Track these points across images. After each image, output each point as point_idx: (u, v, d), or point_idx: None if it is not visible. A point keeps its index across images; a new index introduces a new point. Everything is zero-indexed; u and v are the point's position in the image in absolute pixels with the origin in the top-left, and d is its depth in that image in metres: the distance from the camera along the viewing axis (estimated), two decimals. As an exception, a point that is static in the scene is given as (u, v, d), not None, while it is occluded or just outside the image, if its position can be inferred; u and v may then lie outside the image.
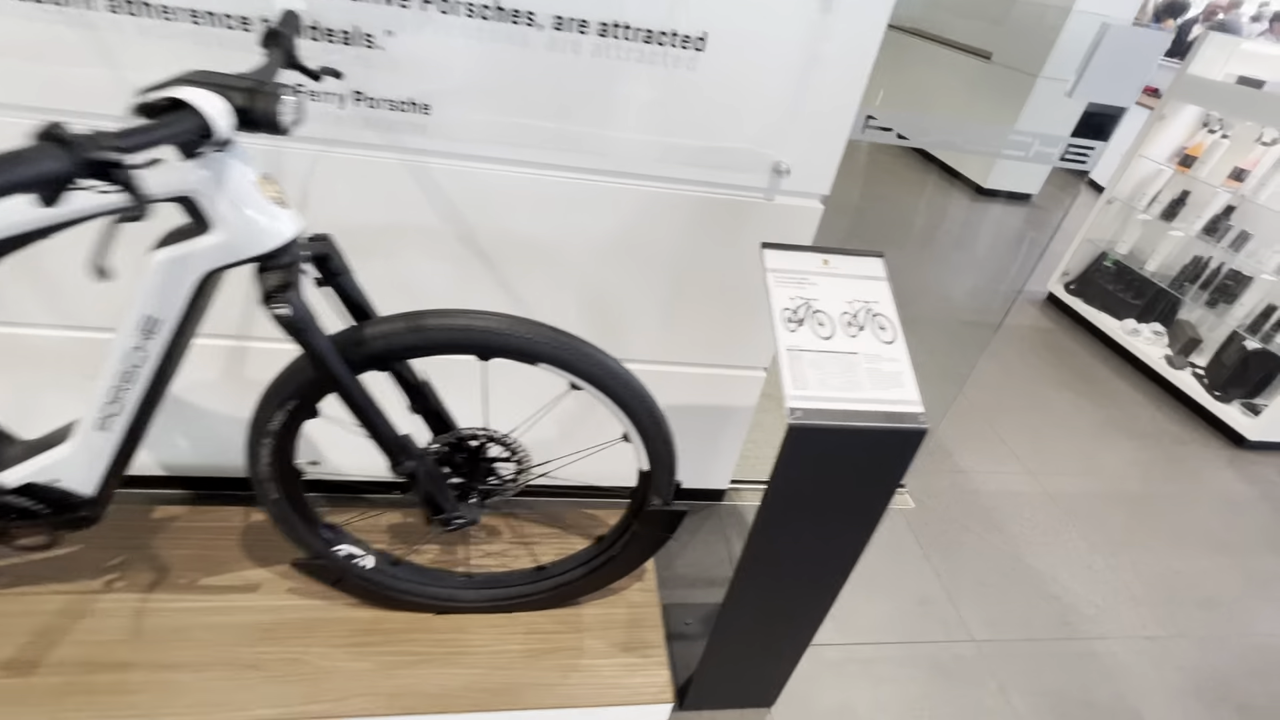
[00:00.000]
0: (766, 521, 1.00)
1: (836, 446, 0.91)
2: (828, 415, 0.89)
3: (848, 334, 0.97)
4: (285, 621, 1.27)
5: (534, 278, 1.36)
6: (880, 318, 1.00)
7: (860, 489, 0.98)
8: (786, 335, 0.95)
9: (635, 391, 1.05)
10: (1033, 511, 2.11)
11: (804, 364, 0.93)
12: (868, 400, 0.92)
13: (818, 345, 0.95)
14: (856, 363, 0.95)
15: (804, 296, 0.99)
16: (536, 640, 1.32)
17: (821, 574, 1.10)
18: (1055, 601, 1.81)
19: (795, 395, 0.90)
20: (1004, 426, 2.50)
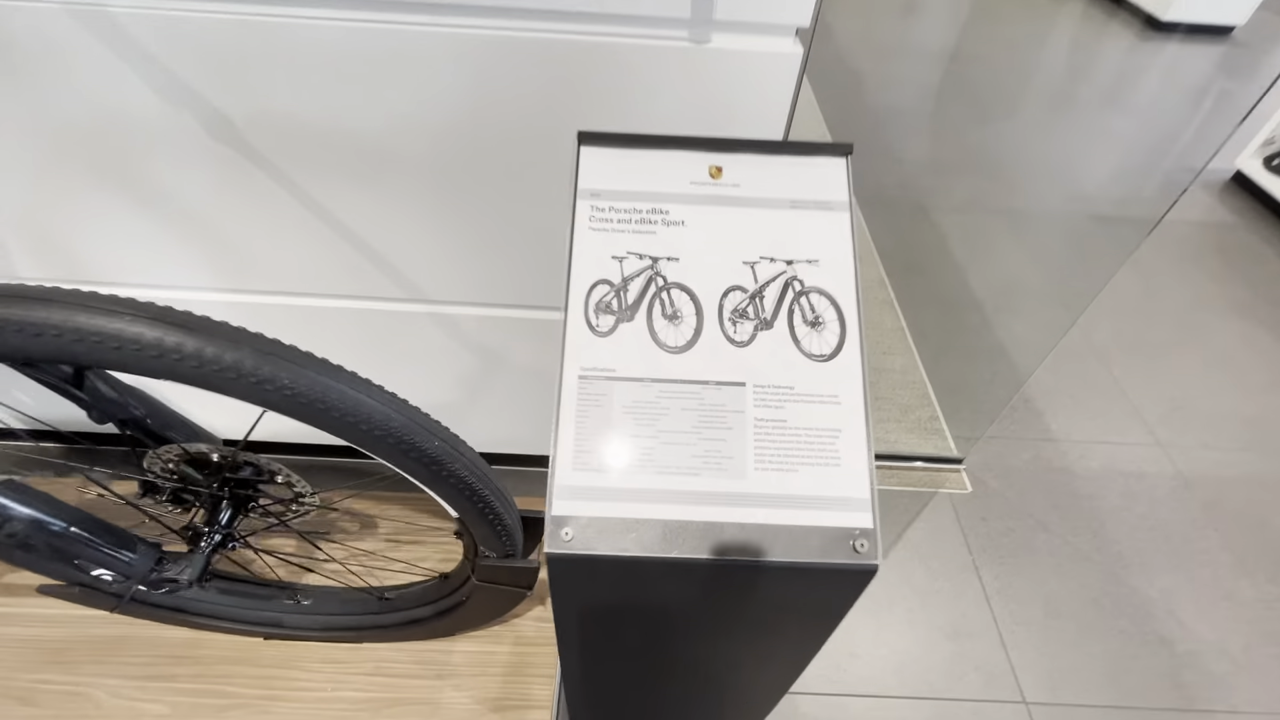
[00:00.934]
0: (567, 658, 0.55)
1: (658, 590, 0.43)
2: (634, 535, 0.41)
3: (733, 335, 0.45)
4: (81, 639, 1.03)
5: (334, 184, 0.89)
6: (817, 298, 0.46)
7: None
8: (582, 342, 0.45)
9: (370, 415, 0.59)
10: (1153, 505, 1.49)
11: (614, 407, 0.43)
12: (749, 497, 0.42)
13: (653, 367, 0.44)
14: (741, 405, 0.43)
15: (650, 252, 0.47)
16: (383, 686, 1.01)
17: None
18: (1166, 650, 1.26)
19: (569, 488, 0.41)
20: (1130, 371, 1.80)
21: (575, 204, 0.48)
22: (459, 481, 0.66)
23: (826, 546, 0.41)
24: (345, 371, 0.59)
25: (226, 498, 0.78)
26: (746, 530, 0.41)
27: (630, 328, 0.45)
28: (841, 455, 0.43)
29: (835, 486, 0.42)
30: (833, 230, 0.48)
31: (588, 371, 0.44)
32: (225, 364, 0.51)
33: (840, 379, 0.44)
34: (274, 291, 1.03)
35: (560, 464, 0.42)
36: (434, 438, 0.63)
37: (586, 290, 0.46)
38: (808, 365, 0.45)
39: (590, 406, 0.43)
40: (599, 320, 0.45)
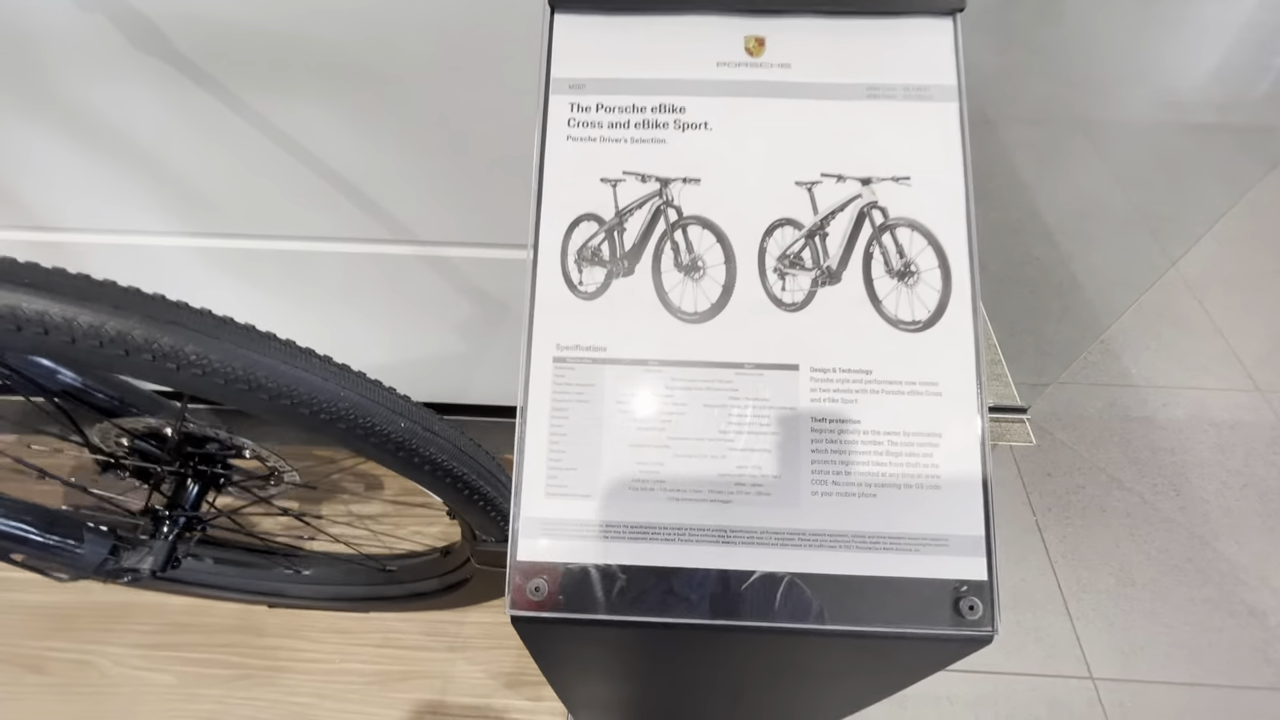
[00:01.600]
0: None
1: (673, 660, 0.31)
2: (635, 590, 0.28)
3: (780, 294, 0.31)
4: (87, 606, 0.99)
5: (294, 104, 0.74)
6: (907, 235, 0.31)
7: None
8: (557, 307, 0.31)
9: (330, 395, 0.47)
10: (1248, 458, 1.32)
11: (605, 403, 0.30)
12: (804, 535, 0.29)
13: (663, 343, 0.30)
14: (792, 398, 0.30)
15: (657, 172, 0.32)
16: (392, 658, 0.95)
17: None
18: (1256, 622, 1.12)
19: (540, 522, 0.29)
20: (1227, 306, 1.57)
21: (546, 103, 0.33)
22: (436, 468, 0.54)
23: (918, 607, 0.28)
24: (275, 340, 0.46)
25: (189, 475, 0.69)
26: (799, 584, 0.28)
27: (628, 286, 0.31)
28: (942, 472, 0.29)
29: (932, 519, 0.28)
30: (933, 132, 0.32)
31: (567, 351, 0.30)
32: (107, 337, 0.39)
33: (941, 357, 0.30)
34: (245, 235, 0.90)
35: (529, 488, 0.29)
36: (398, 418, 0.51)
37: (565, 231, 0.31)
38: (892, 337, 0.30)
39: (570, 403, 0.30)
40: (583, 275, 0.31)
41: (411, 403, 0.54)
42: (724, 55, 0.33)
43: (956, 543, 0.28)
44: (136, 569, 0.64)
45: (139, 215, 0.86)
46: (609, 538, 0.29)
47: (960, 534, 0.28)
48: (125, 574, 0.64)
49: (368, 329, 1.07)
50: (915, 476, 0.29)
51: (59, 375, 0.63)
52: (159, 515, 0.66)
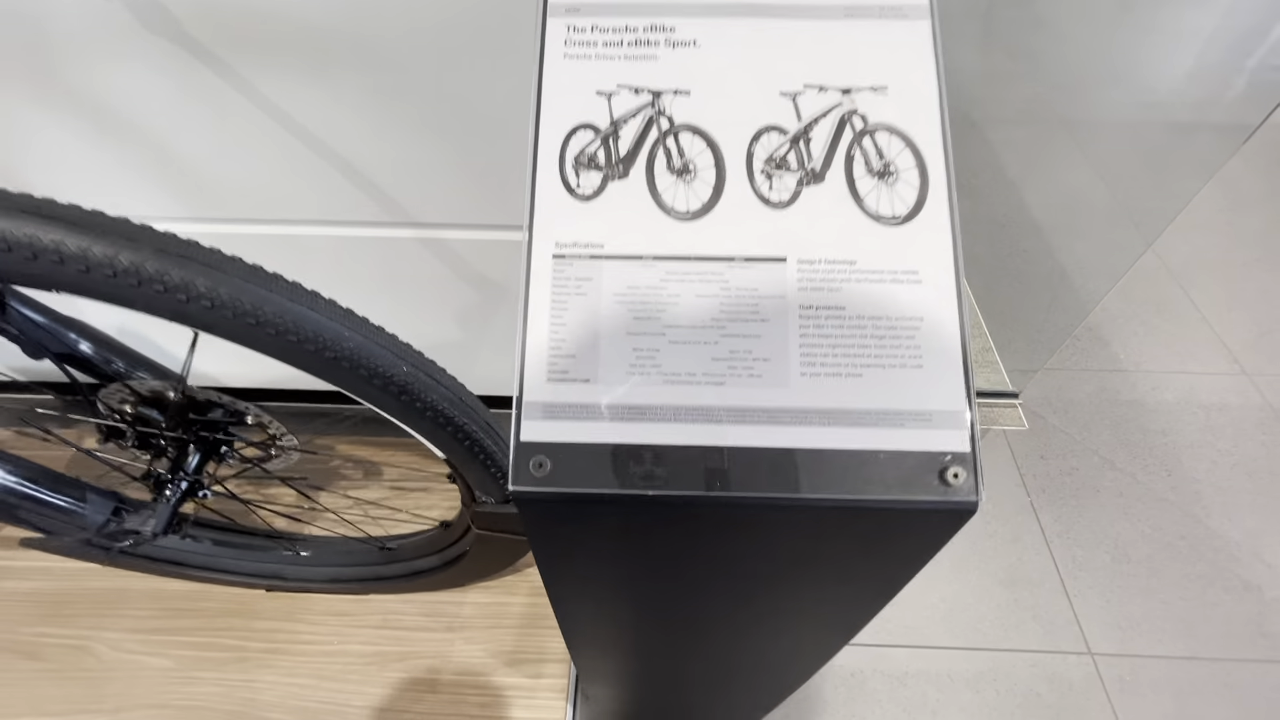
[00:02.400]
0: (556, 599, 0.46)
1: (669, 538, 0.32)
2: (635, 466, 0.30)
3: (768, 194, 0.33)
4: (80, 592, 0.99)
5: (297, 85, 0.77)
6: (886, 138, 0.33)
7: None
8: (557, 208, 0.33)
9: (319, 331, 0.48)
10: (1237, 439, 1.34)
11: (603, 296, 0.31)
12: (794, 413, 0.30)
13: (657, 239, 0.32)
14: (780, 288, 0.31)
15: (650, 85, 0.34)
16: (391, 639, 0.95)
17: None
18: (1251, 596, 1.13)
19: (542, 405, 0.30)
20: (1211, 294, 1.61)
21: (544, 25, 0.35)
22: (437, 415, 0.55)
23: (905, 478, 0.29)
24: (283, 280, 0.48)
25: (192, 442, 0.70)
26: (790, 458, 0.29)
27: (623, 188, 0.33)
28: (924, 353, 0.30)
29: (916, 395, 0.30)
30: (907, 46, 0.34)
31: (566, 248, 0.32)
32: (121, 268, 0.41)
33: (921, 248, 0.31)
34: (242, 219, 0.92)
35: (530, 373, 0.30)
36: (401, 361, 0.52)
37: (562, 139, 0.33)
38: (874, 230, 0.32)
39: (570, 296, 0.31)
40: (580, 179, 0.33)
41: (414, 350, 0.55)
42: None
43: (939, 417, 0.30)
44: (139, 530, 0.64)
45: (133, 199, 0.88)
46: (609, 418, 0.30)
47: (943, 409, 0.30)
48: (127, 536, 0.65)
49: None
50: (899, 357, 0.30)
51: (62, 338, 0.64)
52: (161, 479, 0.66)
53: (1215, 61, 2.45)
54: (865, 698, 1.02)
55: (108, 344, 0.69)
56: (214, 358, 1.04)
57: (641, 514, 0.30)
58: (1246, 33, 2.48)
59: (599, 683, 0.70)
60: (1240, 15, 2.50)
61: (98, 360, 0.67)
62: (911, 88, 0.34)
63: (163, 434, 0.67)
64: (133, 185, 0.86)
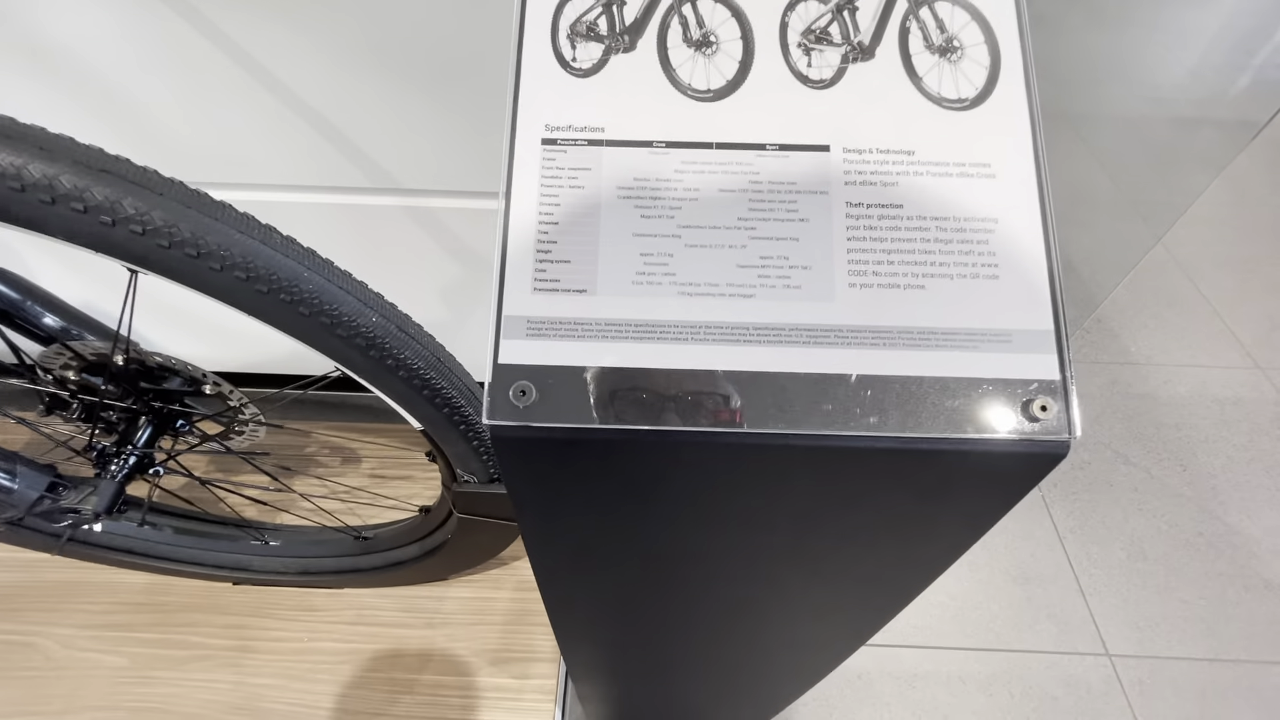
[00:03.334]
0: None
1: (682, 486, 0.26)
2: (641, 396, 0.23)
3: (805, 71, 0.27)
4: (29, 584, 0.91)
5: (270, 31, 0.70)
6: (947, 8, 0.27)
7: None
8: (547, 84, 0.26)
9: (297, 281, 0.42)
10: (1252, 433, 1.29)
11: (605, 189, 0.25)
12: (840, 331, 0.24)
13: (671, 122, 0.26)
14: (822, 182, 0.25)
15: (661, -56, 0.28)
16: (366, 636, 0.88)
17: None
18: (1273, 595, 1.08)
19: (527, 320, 0.24)
20: (1221, 288, 1.57)
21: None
22: (411, 374, 0.49)
23: (979, 412, 0.23)
24: (231, 209, 0.41)
25: (143, 413, 0.63)
26: (835, 386, 0.24)
27: (630, 62, 0.27)
28: (1000, 260, 0.24)
29: (992, 311, 0.24)
30: (971, -95, 0.28)
31: (558, 132, 0.26)
32: (30, 181, 0.34)
33: (993, 136, 0.26)
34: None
35: (512, 283, 0.24)
36: (369, 310, 0.46)
37: (556, 4, 0.27)
38: (936, 115, 0.26)
39: (563, 189, 0.25)
40: (577, 51, 0.27)
41: (385, 300, 0.49)
42: None
43: (1021, 338, 0.24)
44: (78, 509, 0.57)
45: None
46: (609, 337, 0.24)
47: (1025, 328, 0.24)
48: (65, 515, 0.58)
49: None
50: (970, 266, 0.24)
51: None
52: (106, 452, 0.59)
53: (1219, 59, 2.43)
54: (873, 701, 0.96)
55: (51, 303, 0.63)
56: (166, 331, 0.97)
57: (647, 457, 0.24)
58: (1251, 31, 2.46)
59: (591, 680, 0.64)
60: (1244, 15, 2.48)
61: (39, 321, 0.60)
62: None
63: (106, 402, 0.59)
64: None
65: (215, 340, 1.00)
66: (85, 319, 0.66)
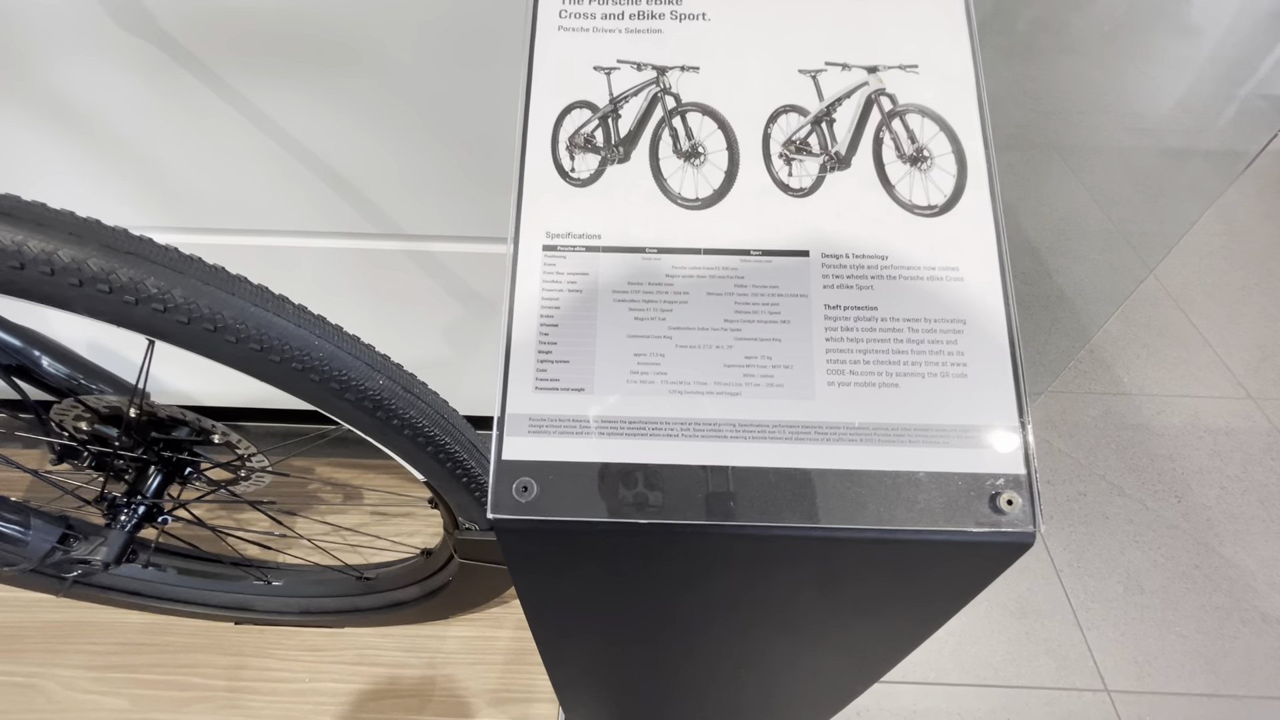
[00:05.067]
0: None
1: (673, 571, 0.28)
2: (634, 490, 0.25)
3: (787, 180, 0.29)
4: (31, 626, 0.92)
5: (279, 88, 0.73)
6: (918, 120, 0.30)
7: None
8: (548, 194, 0.29)
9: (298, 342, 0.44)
10: (1246, 464, 1.31)
11: (600, 293, 0.27)
12: (820, 428, 0.26)
13: (661, 230, 0.28)
14: (803, 285, 0.27)
15: (654, 60, 0.30)
16: (367, 676, 0.89)
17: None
18: (1271, 629, 1.09)
19: (528, 418, 0.26)
20: (1212, 318, 1.59)
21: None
22: (416, 433, 0.51)
23: (949, 505, 0.25)
24: (246, 282, 0.43)
25: (153, 462, 0.64)
26: (815, 480, 0.25)
27: (624, 172, 0.29)
28: (969, 359, 0.26)
29: (961, 408, 0.26)
30: (939, 21, 0.31)
31: (558, 239, 0.28)
32: (59, 265, 0.36)
33: (961, 241, 0.28)
34: (220, 229, 0.88)
35: (515, 382, 0.26)
36: (376, 374, 0.48)
37: (555, 118, 0.30)
38: (908, 222, 0.28)
39: (562, 292, 0.27)
40: (575, 162, 0.29)
41: (391, 362, 0.51)
42: (721, -51, 0.32)
43: (988, 434, 0.26)
44: (88, 560, 0.58)
45: (105, 206, 0.84)
46: (605, 434, 0.26)
47: (992, 424, 0.26)
48: (76, 565, 0.59)
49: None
50: (940, 365, 0.26)
51: (11, 349, 0.59)
52: (116, 503, 0.61)
53: (1207, 90, 2.49)
54: (870, 738, 0.96)
55: (64, 356, 0.64)
56: (179, 372, 0.99)
57: (640, 545, 0.26)
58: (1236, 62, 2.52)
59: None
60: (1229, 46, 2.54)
61: (52, 374, 0.62)
62: (945, 67, 0.30)
63: (118, 453, 0.61)
64: (105, 191, 0.82)
65: (226, 377, 1.02)
66: (98, 371, 0.68)
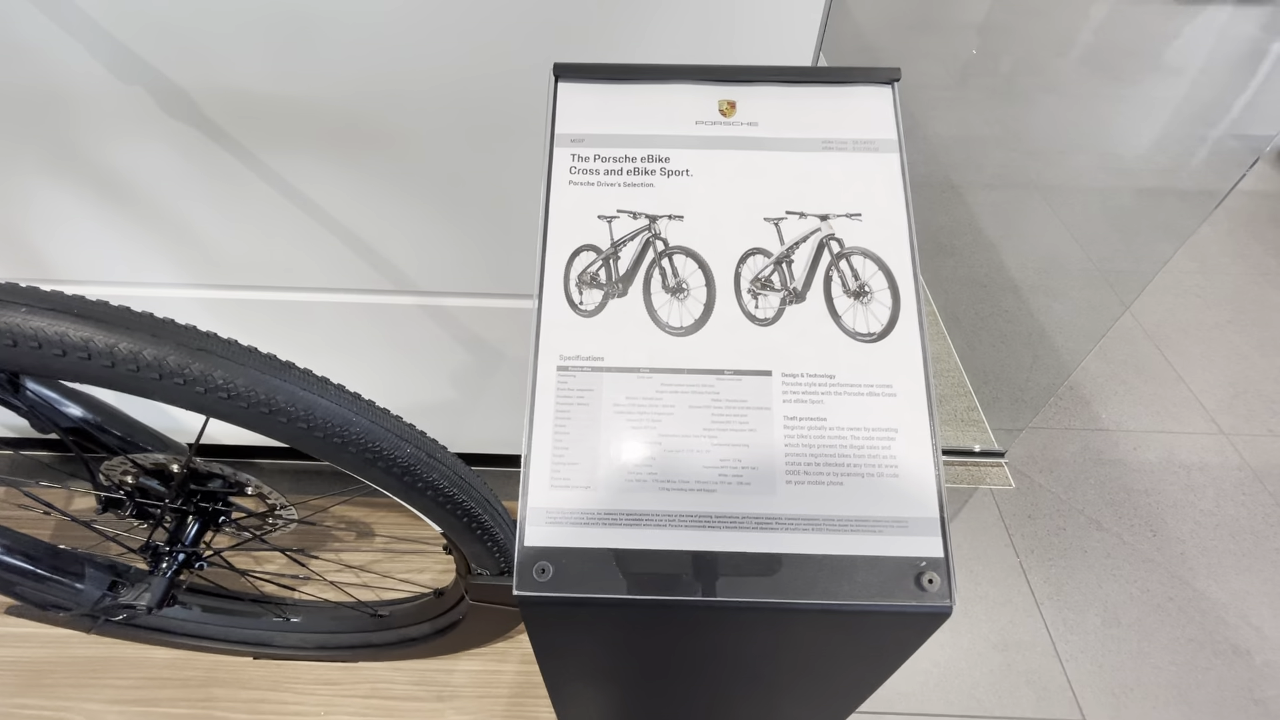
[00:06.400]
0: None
1: (664, 638, 0.34)
2: (632, 570, 0.31)
3: (754, 311, 0.36)
4: (65, 660, 0.97)
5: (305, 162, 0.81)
6: (861, 261, 0.37)
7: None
8: (561, 323, 0.35)
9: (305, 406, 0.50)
10: (1218, 498, 1.36)
11: (604, 406, 0.34)
12: (781, 519, 0.32)
13: (653, 353, 0.35)
14: (766, 399, 0.34)
15: (646, 210, 0.37)
16: (379, 709, 0.93)
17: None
18: (1241, 661, 1.14)
19: (546, 511, 0.32)
20: (1186, 355, 1.66)
21: (551, 153, 0.38)
22: (437, 493, 0.57)
23: (883, 583, 0.31)
24: (295, 369, 0.50)
25: (191, 513, 0.70)
26: (777, 563, 0.31)
27: (623, 305, 0.36)
28: (900, 462, 0.33)
29: (892, 503, 0.32)
30: (879, 176, 0.38)
31: (569, 361, 0.35)
32: (144, 362, 0.43)
33: (894, 363, 0.34)
34: (250, 286, 0.95)
35: (535, 481, 0.33)
36: (404, 443, 0.54)
37: (567, 259, 0.36)
38: (851, 347, 0.35)
39: (573, 405, 0.34)
40: (583, 296, 0.36)
41: (416, 430, 0.57)
42: (701, 115, 0.39)
43: (915, 524, 0.32)
44: (133, 605, 0.64)
45: (152, 268, 0.91)
46: (607, 524, 0.32)
47: (918, 516, 0.32)
48: (122, 610, 0.64)
49: (362, 375, 1.11)
50: (876, 466, 0.33)
51: (67, 411, 0.66)
52: (159, 551, 0.67)
53: (1181, 132, 2.60)
54: (861, 769, 1.00)
55: (113, 416, 0.71)
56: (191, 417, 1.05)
57: (638, 615, 0.32)
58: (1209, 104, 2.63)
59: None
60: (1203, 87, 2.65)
61: (103, 433, 0.68)
62: (884, 215, 0.37)
63: (164, 506, 0.67)
64: (147, 255, 0.89)
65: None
66: (142, 428, 0.74)
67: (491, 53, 0.68)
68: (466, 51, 0.68)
